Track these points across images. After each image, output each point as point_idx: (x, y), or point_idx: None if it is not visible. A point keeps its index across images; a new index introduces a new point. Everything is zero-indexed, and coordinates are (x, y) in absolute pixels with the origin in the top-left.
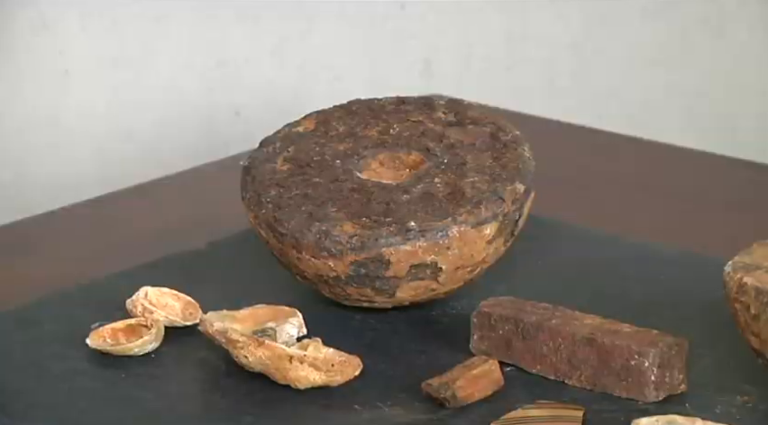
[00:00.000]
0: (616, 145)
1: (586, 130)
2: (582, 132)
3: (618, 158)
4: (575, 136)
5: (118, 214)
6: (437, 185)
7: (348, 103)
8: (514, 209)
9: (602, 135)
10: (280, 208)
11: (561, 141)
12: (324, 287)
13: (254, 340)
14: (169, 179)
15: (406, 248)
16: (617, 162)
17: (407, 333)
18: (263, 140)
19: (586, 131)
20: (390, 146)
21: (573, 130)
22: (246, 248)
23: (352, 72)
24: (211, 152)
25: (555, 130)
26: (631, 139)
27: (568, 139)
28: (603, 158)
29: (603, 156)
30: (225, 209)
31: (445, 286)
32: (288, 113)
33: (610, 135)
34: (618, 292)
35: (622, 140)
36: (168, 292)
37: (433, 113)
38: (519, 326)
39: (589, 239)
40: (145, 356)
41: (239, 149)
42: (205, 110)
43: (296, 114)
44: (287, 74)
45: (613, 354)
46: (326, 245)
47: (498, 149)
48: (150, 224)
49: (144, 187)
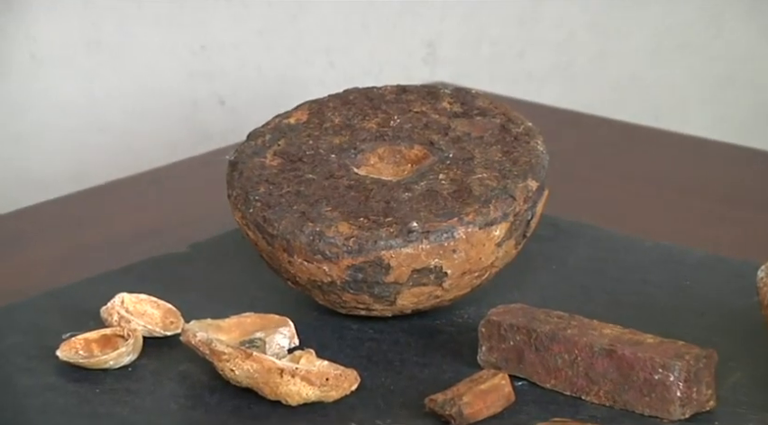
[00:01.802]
0: (638, 138)
1: (605, 121)
2: (601, 124)
3: (640, 152)
4: (593, 128)
5: (91, 213)
6: (442, 182)
7: (344, 91)
8: (526, 208)
9: (623, 127)
10: (270, 207)
11: (577, 134)
12: (318, 294)
13: (241, 352)
14: (147, 175)
15: (407, 250)
16: (638, 156)
17: (409, 344)
18: (251, 133)
19: (605, 123)
20: (390, 139)
21: (591, 121)
22: (232, 251)
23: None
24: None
25: (571, 121)
26: (654, 131)
27: (585, 131)
28: (624, 152)
29: (624, 150)
30: (209, 208)
31: (451, 293)
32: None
33: (632, 127)
34: (640, 299)
35: (644, 132)
36: (146, 299)
37: (437, 102)
38: (532, 336)
39: (608, 241)
40: (121, 369)
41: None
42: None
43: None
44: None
45: (635, 367)
46: (320, 247)
47: (508, 142)
48: (127, 224)
49: (120, 184)
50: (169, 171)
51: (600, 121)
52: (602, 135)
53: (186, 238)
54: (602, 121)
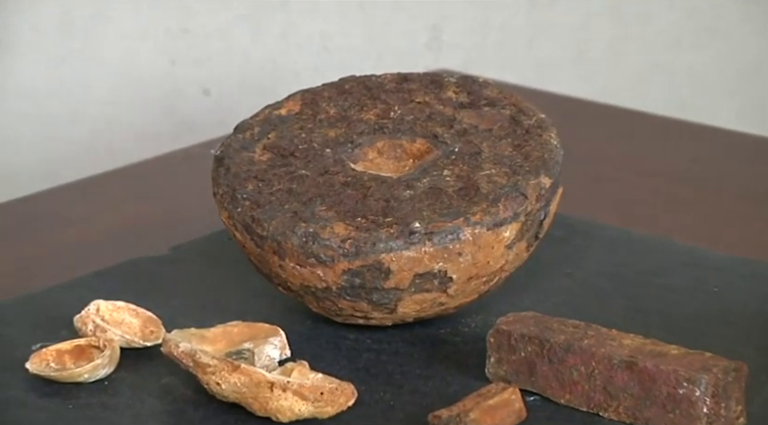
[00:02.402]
0: (659, 130)
1: (624, 112)
2: (620, 115)
3: (663, 146)
4: (611, 120)
5: (63, 213)
6: (447, 179)
7: (340, 80)
8: (538, 207)
9: (643, 118)
10: (259, 206)
11: (594, 126)
12: (312, 301)
13: (228, 364)
14: (124, 171)
15: (409, 253)
16: (660, 151)
17: (411, 355)
18: (238, 125)
19: (624, 114)
20: (391, 132)
21: (609, 112)
22: (218, 254)
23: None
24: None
25: (587, 112)
26: (678, 123)
27: (603, 123)
28: (644, 145)
29: (644, 143)
30: (193, 207)
31: (456, 300)
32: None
33: (653, 118)
34: (663, 306)
35: (667, 124)
36: (124, 306)
37: (441, 92)
38: (545, 347)
39: (628, 243)
40: (97, 383)
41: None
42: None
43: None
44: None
45: (657, 381)
46: (314, 250)
47: (519, 135)
48: (103, 225)
49: (94, 180)
50: (149, 167)
51: (619, 112)
52: (621, 127)
53: (167, 239)
54: (621, 112)
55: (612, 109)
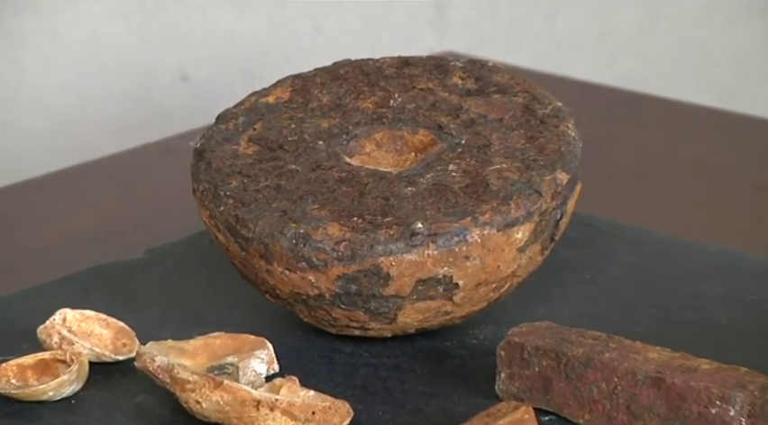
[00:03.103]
0: (691, 120)
1: (651, 99)
2: (646, 103)
3: (694, 138)
4: (636, 108)
5: (25, 212)
6: (452, 175)
7: (334, 64)
8: (554, 206)
9: (673, 107)
10: (244, 204)
11: (617, 115)
12: (303, 309)
13: (209, 380)
14: (92, 165)
15: (410, 257)
16: (691, 143)
17: (413, 370)
18: (221, 115)
19: (651, 101)
20: (390, 122)
21: (633, 99)
22: (198, 258)
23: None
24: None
25: (609, 99)
26: (712, 111)
27: (627, 111)
28: (674, 137)
29: (674, 134)
30: (169, 205)
31: (463, 308)
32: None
33: (684, 106)
34: (693, 315)
35: (699, 113)
36: (93, 316)
37: (446, 78)
38: (561, 361)
39: (654, 246)
40: (63, 401)
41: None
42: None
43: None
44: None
45: (687, 399)
46: (305, 253)
47: (533, 125)
48: (69, 225)
49: (59, 176)
50: (120, 161)
51: (645, 99)
52: (647, 117)
53: (141, 242)
54: (647, 99)
55: (638, 96)
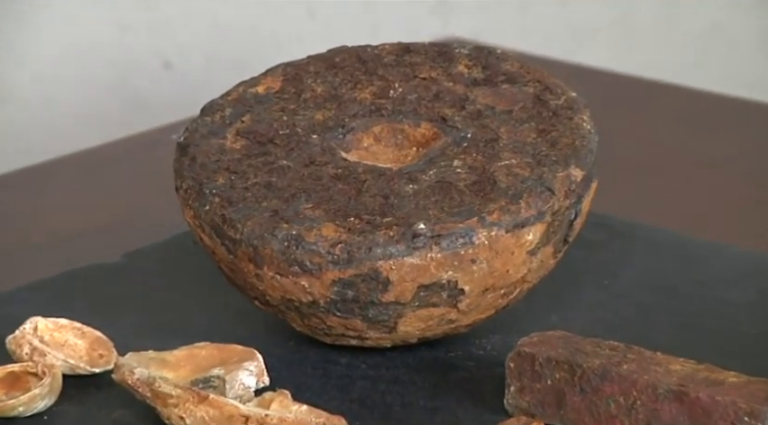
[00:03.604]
0: (716, 112)
1: (674, 89)
2: (667, 93)
3: (719, 132)
4: (658, 99)
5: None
6: (457, 171)
7: (329, 51)
8: (568, 205)
9: (698, 97)
10: (232, 203)
11: (637, 106)
12: (296, 318)
13: (194, 394)
14: (67, 161)
15: (412, 260)
16: (718, 137)
17: (415, 383)
18: (206, 106)
19: (672, 92)
20: (390, 114)
21: (654, 89)
22: (181, 262)
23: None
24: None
25: (627, 89)
26: (740, 102)
27: (647, 102)
28: (699, 130)
29: (699, 127)
30: (150, 205)
31: (469, 316)
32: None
33: (709, 97)
34: (719, 324)
35: (725, 104)
36: (67, 324)
37: (451, 66)
38: (576, 373)
39: (677, 248)
40: (34, 417)
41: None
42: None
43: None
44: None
45: (712, 414)
46: (298, 257)
47: (545, 118)
48: (40, 226)
49: (31, 172)
50: (97, 155)
51: (667, 89)
52: (669, 108)
53: (119, 244)
54: (669, 89)
55: (659, 86)
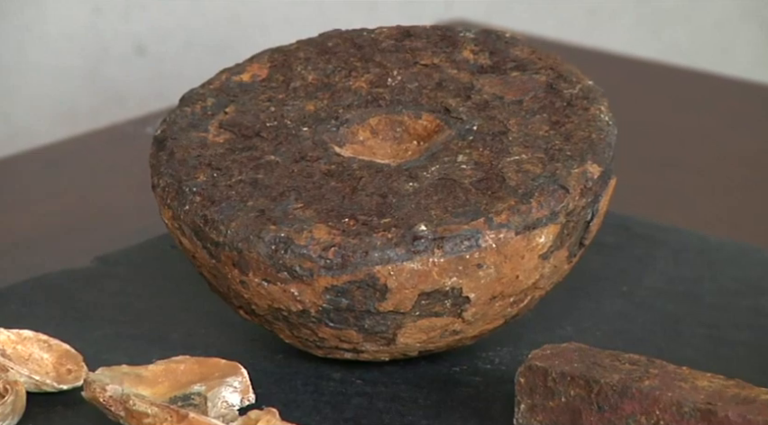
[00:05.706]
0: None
1: (701, 76)
2: (695, 81)
3: (753, 124)
4: (683, 87)
5: None
6: (462, 167)
7: (320, 35)
8: (584, 204)
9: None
10: (214, 203)
11: (660, 96)
12: (284, 328)
13: (172, 413)
14: (32, 155)
15: (412, 265)
16: (749, 129)
17: (415, 401)
18: (185, 96)
19: (701, 79)
20: (388, 104)
21: (681, 77)
22: (158, 267)
23: None
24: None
25: (651, 77)
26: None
27: (672, 91)
28: (728, 123)
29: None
30: (124, 204)
31: (475, 327)
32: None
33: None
34: (751, 336)
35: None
36: (32, 337)
37: (455, 52)
38: (593, 390)
39: (704, 252)
40: None
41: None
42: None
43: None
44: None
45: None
46: (287, 261)
47: (558, 109)
48: (1, 228)
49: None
50: (65, 150)
51: (695, 76)
52: (697, 98)
53: (90, 247)
54: (697, 76)
55: (685, 72)
